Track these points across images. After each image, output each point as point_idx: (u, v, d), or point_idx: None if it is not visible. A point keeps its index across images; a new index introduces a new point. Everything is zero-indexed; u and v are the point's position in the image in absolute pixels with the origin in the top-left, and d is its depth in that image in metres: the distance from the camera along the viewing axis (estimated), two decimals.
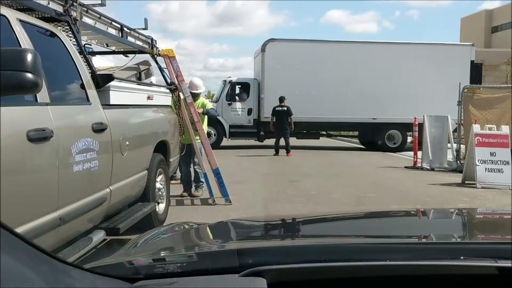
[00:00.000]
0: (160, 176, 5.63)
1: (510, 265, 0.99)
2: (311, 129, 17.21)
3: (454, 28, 55.20)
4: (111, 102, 4.28)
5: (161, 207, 5.67)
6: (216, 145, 14.66)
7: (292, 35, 72.16)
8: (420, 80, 16.35)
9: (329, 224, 2.00)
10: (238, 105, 16.75)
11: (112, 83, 4.31)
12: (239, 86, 17.23)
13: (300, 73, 16.33)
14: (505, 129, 9.58)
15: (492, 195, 8.30)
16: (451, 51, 17.08)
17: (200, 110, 7.43)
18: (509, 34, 30.54)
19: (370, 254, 1.06)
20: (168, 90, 6.53)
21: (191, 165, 7.51)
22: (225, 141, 16.70)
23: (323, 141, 18.29)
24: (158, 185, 5.53)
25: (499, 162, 9.21)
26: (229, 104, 16.69)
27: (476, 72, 17.10)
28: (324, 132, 17.98)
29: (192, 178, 7.63)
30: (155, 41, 6.58)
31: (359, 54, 16.69)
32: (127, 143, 4.40)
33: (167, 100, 6.40)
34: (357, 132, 18.84)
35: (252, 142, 17.13)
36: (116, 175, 4.19)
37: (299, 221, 2.04)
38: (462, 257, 1.03)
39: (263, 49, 16.49)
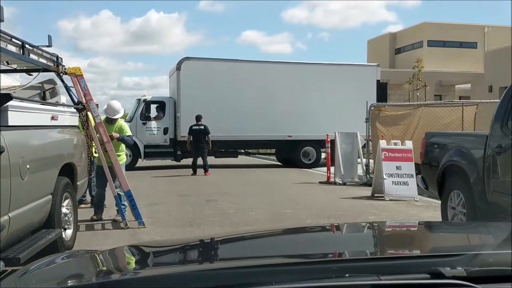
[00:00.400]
0: (67, 201, 5.32)
1: (389, 282, 1.01)
2: (229, 148, 17.25)
3: (361, 49, 58.64)
4: (10, 123, 4.00)
5: (68, 233, 5.36)
6: (131, 166, 14.18)
7: (208, 54, 72.49)
8: (332, 99, 17.02)
9: (243, 244, 1.97)
10: (153, 124, 16.40)
11: (11, 103, 4.04)
12: (154, 105, 16.91)
13: (217, 91, 16.38)
14: (408, 144, 10.20)
15: (399, 207, 8.77)
16: (359, 71, 18.02)
17: (116, 135, 7.08)
18: (411, 56, 32.90)
19: (257, 277, 1.04)
20: (75, 110, 6.23)
21: (106, 188, 7.19)
22: (140, 162, 16.25)
23: (241, 159, 18.41)
24: (64, 210, 5.23)
25: (404, 175, 9.76)
26: (144, 124, 16.28)
27: (382, 91, 18.11)
28: (242, 150, 18.09)
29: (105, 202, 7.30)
30: (61, 58, 6.28)
31: (274, 74, 17.09)
32: (28, 166, 4.12)
33: (74, 120, 6.11)
34: (274, 149, 19.19)
35: (168, 162, 16.82)
36: (15, 201, 3.91)
37: (212, 242, 2.00)
38: (347, 275, 1.04)
39: (178, 67, 16.37)
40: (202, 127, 14.42)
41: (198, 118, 14.53)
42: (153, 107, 16.86)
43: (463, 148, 5.72)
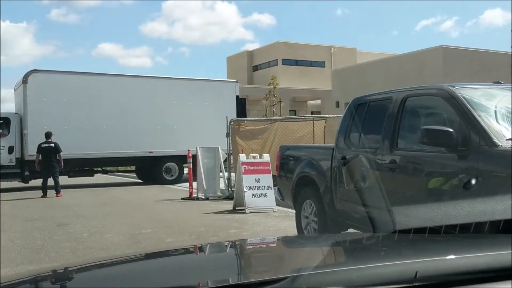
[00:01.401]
0: None
1: None
2: (84, 166, 16.26)
3: (221, 65, 60.20)
4: None
5: None
6: None
7: (62, 66, 67.81)
8: (193, 114, 17.06)
9: (101, 272, 1.78)
10: None
11: None
12: None
13: (70, 106, 15.37)
14: (266, 157, 10.59)
15: (259, 219, 9.01)
16: (219, 87, 18.37)
17: None
18: (267, 73, 34.60)
19: None
20: None
21: None
22: None
23: (99, 178, 17.46)
24: None
25: (263, 187, 10.09)
26: None
27: (241, 106, 18.69)
28: (99, 168, 17.19)
29: None
30: None
31: (132, 88, 16.59)
32: None
33: None
34: (134, 166, 18.57)
35: (15, 183, 15.27)
36: None
37: (65, 272, 1.79)
38: None
39: (25, 80, 15.02)
40: (53, 144, 13.35)
41: (48, 135, 13.43)
42: None
43: (313, 160, 6.08)
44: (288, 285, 1.20)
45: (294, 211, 7.93)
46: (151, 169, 17.07)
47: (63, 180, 14.22)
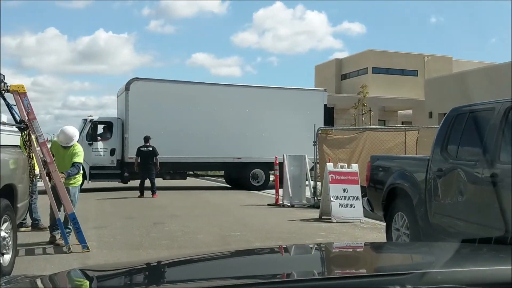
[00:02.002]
0: (6, 224, 5.06)
1: None
2: (178, 169, 17.05)
3: (309, 74, 60.22)
4: None
5: (6, 258, 5.07)
6: None
7: (158, 75, 72.07)
8: (281, 122, 17.27)
9: (191, 266, 1.94)
10: (100, 145, 15.98)
11: None
12: (101, 125, 16.52)
13: (166, 113, 16.24)
14: (354, 167, 10.44)
15: (346, 229, 8.92)
16: (307, 95, 18.44)
17: (62, 176, 6.59)
18: (356, 81, 34.09)
19: None
20: (17, 129, 5.98)
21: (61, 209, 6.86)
22: (86, 184, 15.71)
23: (190, 181, 18.22)
24: (2, 233, 4.96)
25: (350, 197, 9.96)
26: (90, 144, 15.81)
27: (329, 115, 18.59)
28: (191, 172, 17.93)
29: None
30: (3, 76, 6.03)
31: (223, 96, 17.18)
32: None
33: (16, 139, 5.85)
34: (223, 171, 19.15)
35: (115, 184, 16.39)
36: None
37: (158, 265, 1.95)
38: None
39: (127, 88, 16.12)
40: (150, 148, 14.19)
41: (147, 139, 14.30)
42: (100, 127, 16.47)
43: (406, 171, 5.94)
44: (417, 279, 1.25)
45: (382, 223, 7.79)
46: (239, 175, 17.50)
47: (158, 182, 15.02)
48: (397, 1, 72.14)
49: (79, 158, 7.11)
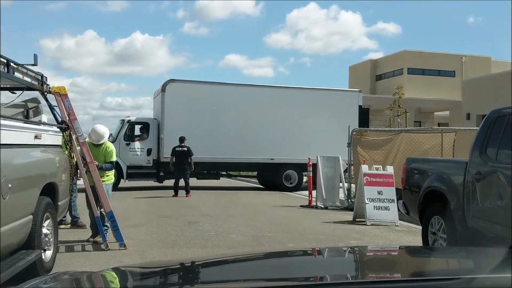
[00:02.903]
0: (48, 221, 5.24)
1: None
2: (211, 170, 17.21)
3: (343, 75, 59.67)
4: None
5: (47, 254, 5.26)
6: (113, 187, 13.98)
7: (192, 76, 72.81)
8: (314, 123, 17.19)
9: (225, 267, 1.98)
10: (136, 145, 16.30)
11: None
12: (138, 126, 16.86)
13: (200, 114, 16.43)
14: (390, 169, 10.30)
15: (380, 232, 8.81)
16: (341, 96, 18.27)
17: (96, 163, 6.87)
18: (391, 82, 33.55)
19: None
20: (58, 129, 6.19)
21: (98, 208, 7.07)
22: (123, 183, 16.08)
23: (223, 181, 18.36)
24: (44, 230, 5.14)
25: (385, 200, 9.83)
26: (127, 144, 16.17)
27: (364, 116, 18.35)
28: (224, 172, 18.05)
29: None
30: (46, 77, 6.26)
31: (257, 97, 17.24)
32: (10, 185, 4.07)
33: (57, 139, 6.06)
34: (256, 172, 19.21)
35: (151, 183, 16.69)
36: None
37: (193, 266, 1.99)
38: None
39: (163, 89, 16.40)
40: (185, 148, 14.39)
41: (182, 139, 14.51)
42: (137, 127, 16.81)
43: (443, 174, 5.83)
44: (465, 285, 1.24)
45: (417, 226, 7.66)
46: (272, 176, 17.51)
47: (192, 181, 15.21)
48: (433, 1, 70.64)
49: (113, 157, 7.39)
